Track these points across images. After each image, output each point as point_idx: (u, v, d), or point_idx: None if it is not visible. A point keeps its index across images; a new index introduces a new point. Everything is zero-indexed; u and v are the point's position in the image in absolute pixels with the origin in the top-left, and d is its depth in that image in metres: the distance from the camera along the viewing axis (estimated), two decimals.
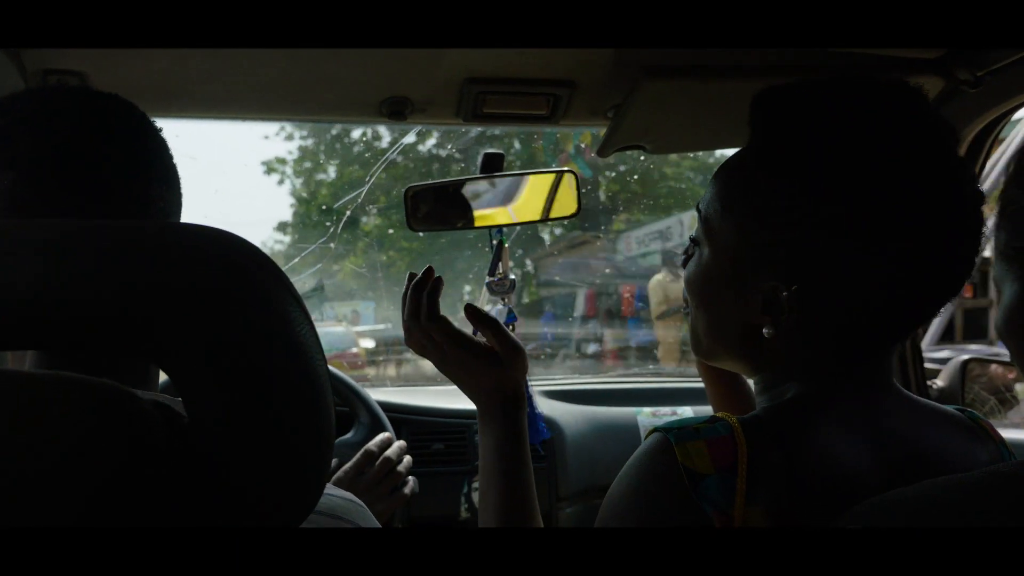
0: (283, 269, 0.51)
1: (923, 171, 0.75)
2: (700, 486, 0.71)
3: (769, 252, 0.78)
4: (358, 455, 1.44)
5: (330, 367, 1.80)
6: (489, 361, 1.05)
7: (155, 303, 0.45)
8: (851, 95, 0.79)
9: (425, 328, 1.05)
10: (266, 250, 0.51)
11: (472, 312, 1.07)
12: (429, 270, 1.08)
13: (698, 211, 0.87)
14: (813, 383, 0.79)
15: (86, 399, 0.44)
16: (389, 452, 1.47)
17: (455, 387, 1.11)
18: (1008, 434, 1.63)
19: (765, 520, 0.70)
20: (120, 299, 0.45)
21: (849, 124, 0.77)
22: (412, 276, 1.09)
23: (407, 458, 1.53)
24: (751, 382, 1.00)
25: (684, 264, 0.90)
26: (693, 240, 0.88)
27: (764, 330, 0.79)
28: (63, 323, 0.46)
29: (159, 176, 0.77)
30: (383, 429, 1.76)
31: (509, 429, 1.05)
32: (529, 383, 1.29)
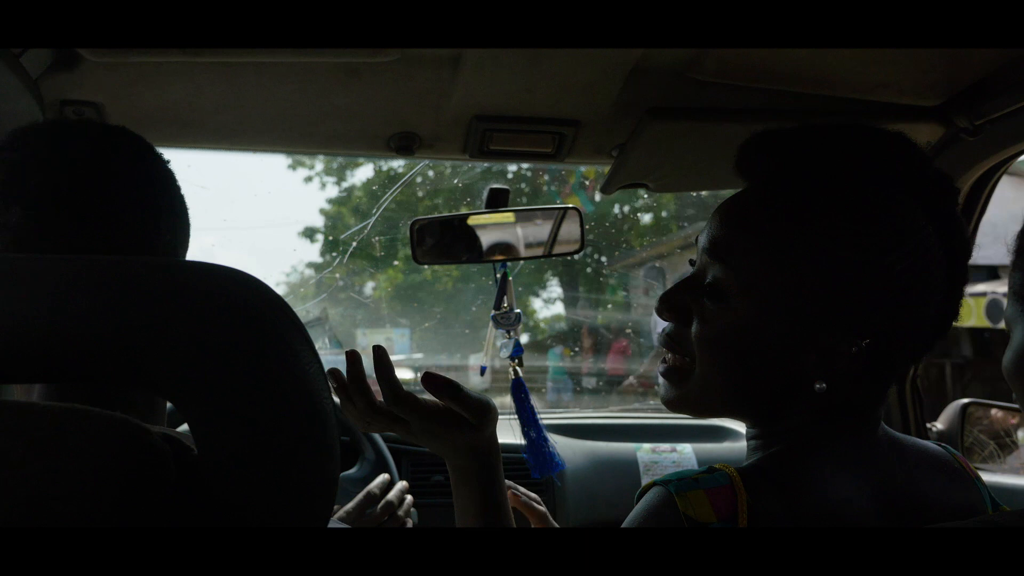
0: (289, 296, 0.52)
1: (940, 217, 0.77)
2: None
3: (831, 310, 0.75)
4: (360, 496, 1.43)
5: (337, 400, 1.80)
6: (459, 425, 0.98)
7: (166, 340, 0.46)
8: (876, 150, 0.79)
9: (387, 412, 0.99)
10: (274, 280, 0.52)
11: (430, 381, 0.99)
12: (352, 353, 1.01)
13: (720, 260, 0.79)
14: (810, 432, 0.78)
15: (100, 432, 0.45)
16: (391, 495, 1.46)
17: None
18: (1008, 480, 1.63)
19: None
20: (131, 335, 0.46)
21: (892, 184, 0.77)
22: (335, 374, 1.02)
23: (408, 500, 1.52)
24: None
25: (673, 316, 0.83)
26: (713, 292, 0.79)
27: (816, 386, 0.75)
28: (74, 357, 0.47)
29: (166, 209, 0.77)
30: (387, 465, 1.77)
31: (489, 488, 1.01)
32: (539, 415, 1.29)
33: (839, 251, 0.74)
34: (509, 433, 1.24)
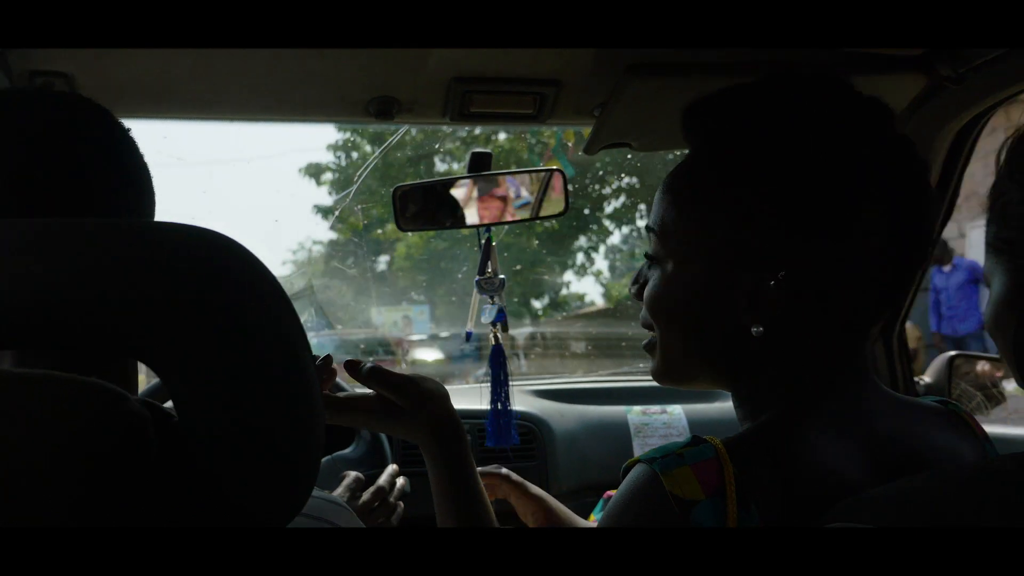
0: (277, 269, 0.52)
1: (858, 153, 0.77)
2: (692, 513, 0.70)
3: (745, 248, 0.78)
4: (349, 478, 1.43)
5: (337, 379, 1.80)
6: (399, 411, 1.07)
7: (143, 303, 0.45)
8: (781, 93, 0.81)
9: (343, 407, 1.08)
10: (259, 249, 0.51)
11: (351, 368, 1.08)
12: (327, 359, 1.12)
13: (650, 230, 0.86)
14: (795, 394, 0.78)
15: (76, 397, 0.44)
16: (381, 480, 1.46)
17: (448, 388, 1.12)
18: (993, 429, 1.64)
19: None
20: (108, 299, 0.45)
21: (785, 121, 0.78)
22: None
23: (400, 482, 1.52)
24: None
25: (638, 292, 0.88)
26: (650, 259, 0.86)
27: (753, 329, 0.77)
28: (50, 323, 0.46)
29: (122, 175, 0.76)
30: (382, 446, 1.77)
31: (452, 464, 1.07)
32: (511, 384, 1.30)
33: (736, 188, 0.78)
34: (479, 399, 1.26)
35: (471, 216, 1.42)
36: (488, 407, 1.31)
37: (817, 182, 0.76)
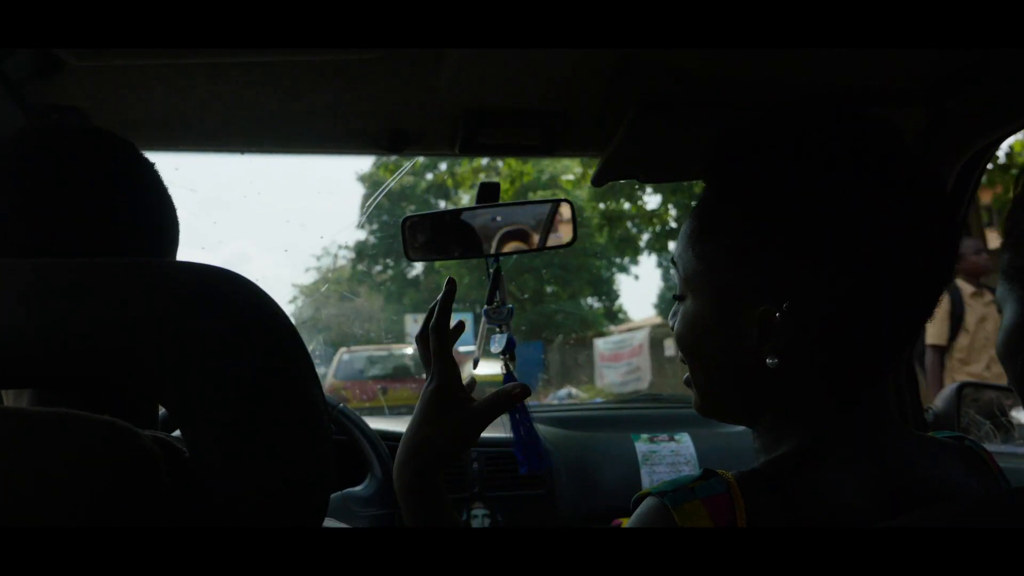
0: (288, 301, 0.52)
1: (869, 186, 0.75)
2: None
3: (750, 281, 0.77)
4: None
5: (348, 410, 1.79)
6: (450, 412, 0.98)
7: (153, 340, 0.46)
8: (788, 127, 0.80)
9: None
10: (265, 279, 0.52)
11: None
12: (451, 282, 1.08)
13: (673, 264, 0.86)
14: (811, 428, 0.77)
15: (87, 435, 0.45)
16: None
17: None
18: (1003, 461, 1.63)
19: None
20: (118, 336, 0.46)
21: (793, 153, 0.77)
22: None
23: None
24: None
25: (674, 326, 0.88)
26: (676, 297, 0.87)
27: (768, 361, 0.76)
28: (62, 361, 0.46)
29: (148, 210, 0.77)
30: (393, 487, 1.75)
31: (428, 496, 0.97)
32: (528, 409, 1.29)
33: (738, 222, 0.78)
34: (499, 427, 1.24)
35: (479, 246, 1.42)
36: (508, 434, 1.31)
37: (820, 215, 0.75)
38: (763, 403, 0.81)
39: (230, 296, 0.49)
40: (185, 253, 0.84)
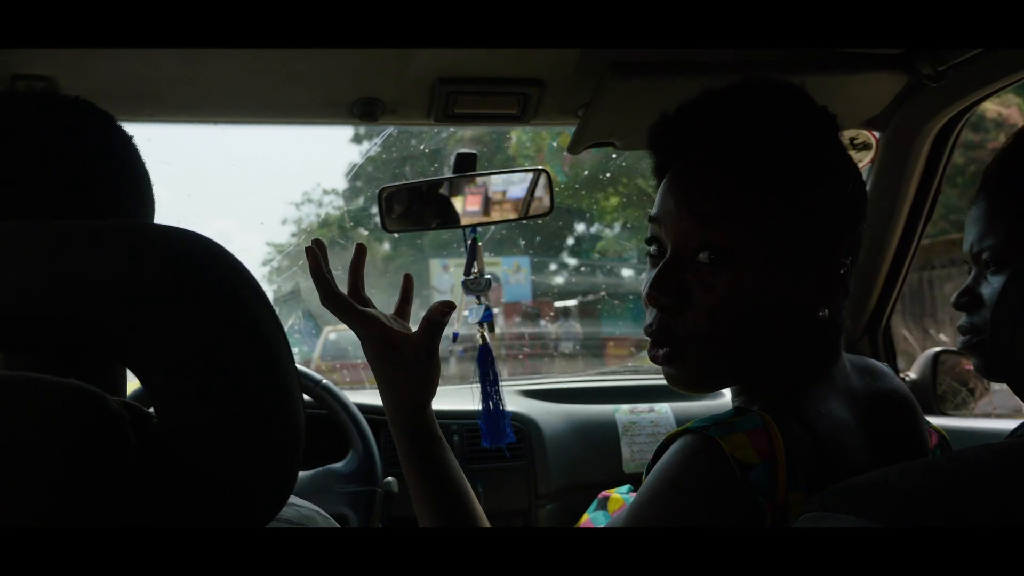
0: (263, 271, 0.51)
1: (809, 153, 0.81)
2: (750, 476, 0.71)
3: (810, 234, 0.79)
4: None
5: (330, 385, 1.79)
6: (402, 361, 0.95)
7: (122, 302, 0.46)
8: (737, 100, 0.83)
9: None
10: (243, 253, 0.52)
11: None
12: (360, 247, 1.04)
13: (707, 221, 0.79)
14: (811, 361, 0.83)
15: (53, 399, 0.44)
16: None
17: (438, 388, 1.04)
18: (977, 423, 1.65)
19: (804, 503, 0.70)
20: (85, 298, 0.46)
21: (745, 125, 0.81)
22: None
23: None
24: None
25: (679, 300, 0.81)
26: (717, 252, 0.78)
27: (820, 313, 0.81)
28: (27, 324, 0.46)
29: (125, 180, 0.76)
30: (374, 460, 1.75)
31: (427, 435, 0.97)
32: (501, 384, 1.30)
33: (813, 180, 0.80)
34: (470, 399, 1.25)
35: (457, 217, 1.42)
36: (478, 407, 1.31)
37: (765, 176, 0.79)
38: (770, 361, 0.82)
39: (197, 258, 0.49)
40: None
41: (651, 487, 0.75)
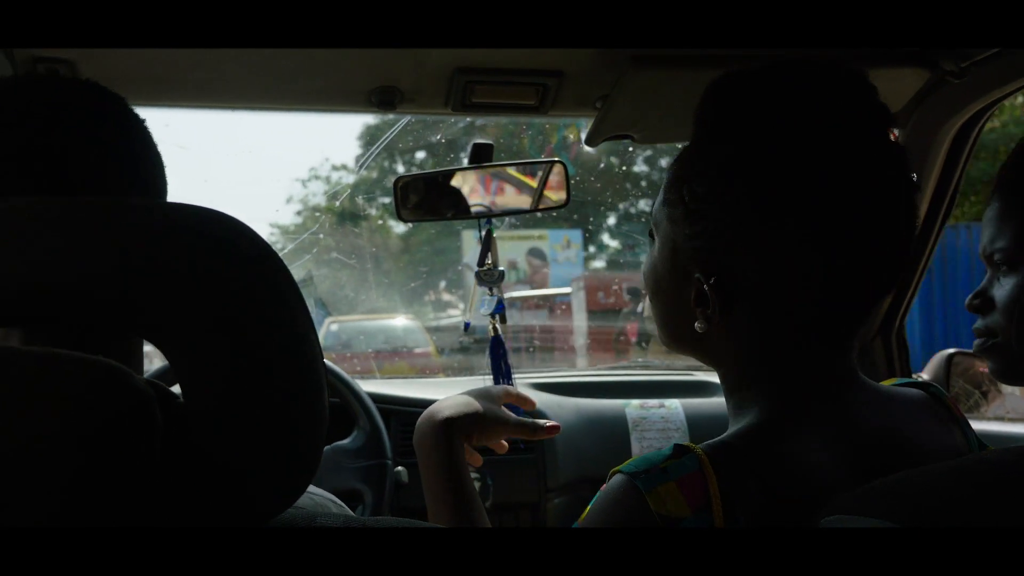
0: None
1: (838, 154, 0.74)
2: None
3: (695, 243, 0.78)
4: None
5: (332, 366, 1.80)
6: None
7: (153, 281, 0.46)
8: (785, 84, 0.78)
9: None
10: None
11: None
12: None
13: (651, 207, 0.88)
14: (774, 394, 0.77)
15: (84, 375, 0.44)
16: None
17: (444, 379, 1.12)
18: (990, 427, 1.65)
19: None
20: (118, 277, 0.46)
21: (770, 111, 0.76)
22: None
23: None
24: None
25: None
26: (649, 234, 0.88)
27: (696, 325, 0.78)
28: (57, 299, 0.46)
29: (137, 163, 0.76)
30: (380, 437, 1.76)
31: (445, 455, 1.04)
32: (514, 377, 1.30)
33: (696, 188, 0.78)
34: None
35: (472, 207, 1.42)
36: None
37: (773, 186, 0.74)
38: (708, 358, 0.84)
39: (227, 239, 0.49)
40: None
41: (584, 519, 0.75)
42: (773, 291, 0.76)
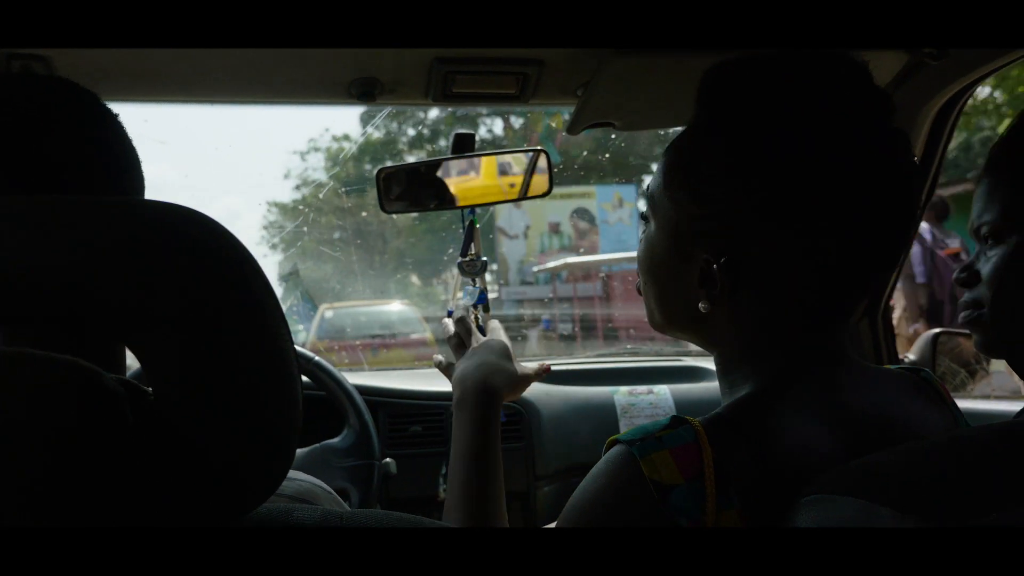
0: (263, 254, 0.51)
1: (847, 143, 0.75)
2: (669, 498, 0.70)
3: (702, 225, 0.79)
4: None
5: (323, 363, 1.79)
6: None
7: (116, 277, 0.45)
8: (787, 71, 0.79)
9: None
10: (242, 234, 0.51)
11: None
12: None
13: (646, 188, 0.88)
14: (768, 371, 0.79)
15: (49, 374, 0.44)
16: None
17: (431, 370, 1.15)
18: (975, 405, 1.66)
19: (740, 522, 0.69)
20: (82, 273, 0.45)
21: (778, 100, 0.77)
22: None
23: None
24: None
25: None
26: (643, 217, 0.89)
27: (700, 305, 0.80)
28: (24, 298, 0.46)
29: (110, 158, 0.75)
30: (370, 435, 1.77)
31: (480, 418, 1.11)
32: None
33: (704, 165, 0.79)
34: None
35: (455, 198, 1.42)
36: None
37: (784, 172, 0.75)
38: (706, 337, 0.85)
39: (193, 233, 0.48)
40: None
41: (579, 494, 0.77)
42: (779, 272, 0.77)
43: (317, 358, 1.80)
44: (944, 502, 0.59)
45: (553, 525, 0.80)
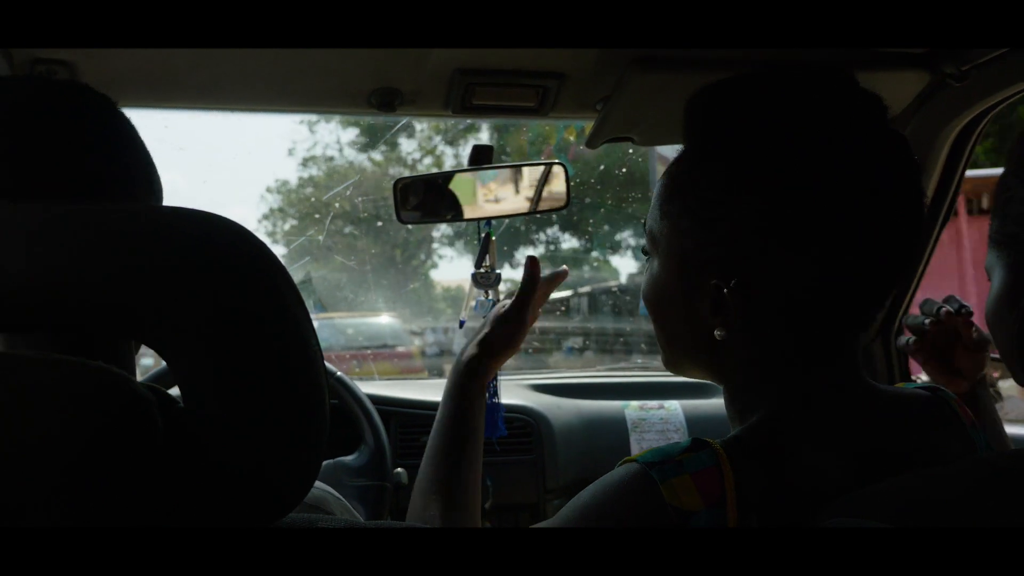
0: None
1: (844, 149, 0.75)
2: (690, 523, 0.68)
3: (708, 252, 0.78)
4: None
5: (344, 377, 1.79)
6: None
7: (148, 284, 0.45)
8: (775, 88, 0.79)
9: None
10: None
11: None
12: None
13: (644, 225, 0.87)
14: (782, 395, 0.78)
15: (86, 380, 0.44)
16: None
17: (444, 381, 1.14)
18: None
19: None
20: (116, 282, 0.45)
21: (770, 115, 0.77)
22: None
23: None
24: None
25: None
26: (644, 252, 0.87)
27: (716, 333, 0.78)
28: (57, 306, 0.46)
29: (125, 164, 0.75)
30: (384, 455, 1.76)
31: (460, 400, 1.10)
32: (500, 377, 1.29)
33: (704, 192, 0.78)
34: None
35: (471, 210, 1.42)
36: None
37: (786, 186, 0.75)
38: (720, 368, 0.83)
39: (226, 242, 0.48)
40: None
41: (585, 499, 0.75)
42: (791, 292, 0.76)
43: (338, 372, 1.80)
44: (964, 524, 0.58)
45: (548, 524, 0.77)
